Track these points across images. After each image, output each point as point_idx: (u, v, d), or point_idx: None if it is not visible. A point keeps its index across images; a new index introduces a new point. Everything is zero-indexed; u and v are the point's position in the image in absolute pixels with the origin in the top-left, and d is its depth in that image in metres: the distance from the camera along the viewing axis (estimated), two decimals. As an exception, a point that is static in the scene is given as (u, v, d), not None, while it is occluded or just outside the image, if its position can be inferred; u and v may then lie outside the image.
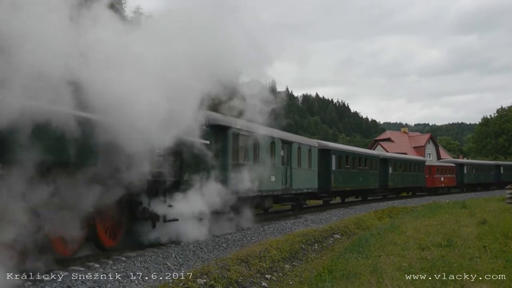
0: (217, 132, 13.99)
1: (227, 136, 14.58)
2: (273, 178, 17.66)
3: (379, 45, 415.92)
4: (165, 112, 9.41)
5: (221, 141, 14.32)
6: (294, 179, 19.95)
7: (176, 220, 11.19)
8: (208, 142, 12.56)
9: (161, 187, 10.93)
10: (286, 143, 19.56)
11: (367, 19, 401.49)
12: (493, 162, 58.21)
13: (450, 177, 45.02)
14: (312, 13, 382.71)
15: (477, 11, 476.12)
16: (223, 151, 14.35)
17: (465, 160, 56.41)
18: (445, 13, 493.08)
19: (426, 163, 41.84)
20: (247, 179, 15.00)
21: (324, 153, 24.67)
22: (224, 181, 13.87)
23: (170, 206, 11.17)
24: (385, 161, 33.67)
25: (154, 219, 10.76)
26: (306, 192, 21.64)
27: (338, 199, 29.84)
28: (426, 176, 40.84)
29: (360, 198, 31.81)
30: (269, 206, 18.36)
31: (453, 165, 46.60)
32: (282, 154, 18.93)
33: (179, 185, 11.44)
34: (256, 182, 15.77)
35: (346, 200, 30.82)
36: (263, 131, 16.84)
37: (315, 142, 24.02)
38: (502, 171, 55.38)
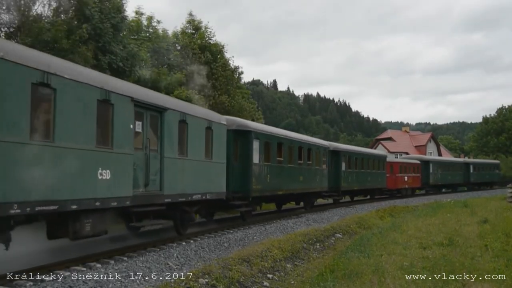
0: None
1: None
2: (106, 175, 9.11)
3: (384, 43, 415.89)
4: None
5: None
6: (169, 176, 11.41)
7: None
8: None
9: None
10: (149, 110, 10.81)
11: (373, 18, 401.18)
12: (461, 159, 51.15)
13: (415, 176, 38.05)
14: (320, 12, 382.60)
15: (483, 10, 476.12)
16: None
17: (431, 157, 49.00)
18: (451, 11, 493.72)
19: (388, 159, 34.17)
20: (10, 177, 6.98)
21: (242, 137, 15.78)
22: None
23: None
24: (336, 154, 25.62)
25: None
26: (200, 199, 12.91)
27: (272, 207, 22.19)
28: (388, 175, 32.97)
29: (301, 205, 23.19)
30: (98, 231, 9.24)
31: (418, 162, 39.48)
32: (139, 130, 10.46)
33: None
34: (46, 183, 7.61)
35: (283, 207, 22.63)
36: (69, 72, 8.29)
37: (222, 118, 14.76)
38: (471, 170, 47.68)
